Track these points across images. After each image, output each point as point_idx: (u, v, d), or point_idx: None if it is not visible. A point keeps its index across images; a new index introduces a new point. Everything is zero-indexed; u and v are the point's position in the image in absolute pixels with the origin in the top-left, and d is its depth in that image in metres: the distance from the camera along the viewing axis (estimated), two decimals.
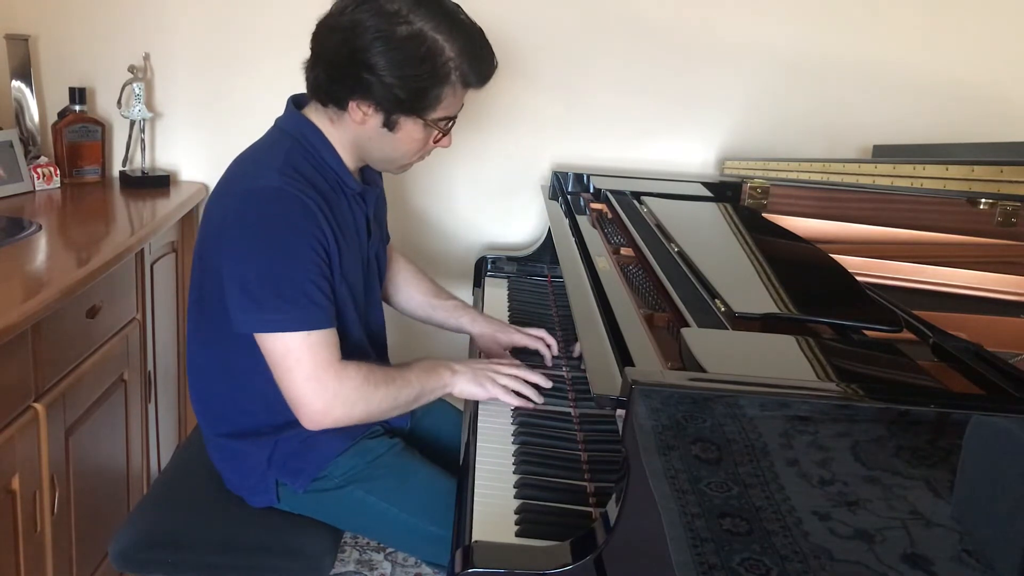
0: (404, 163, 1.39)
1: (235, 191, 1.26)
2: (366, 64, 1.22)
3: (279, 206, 1.21)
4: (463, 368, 1.37)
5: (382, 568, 2.08)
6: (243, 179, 1.27)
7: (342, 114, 1.29)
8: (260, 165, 1.27)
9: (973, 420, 0.82)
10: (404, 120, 1.28)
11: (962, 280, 1.41)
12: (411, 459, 1.40)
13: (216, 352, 1.35)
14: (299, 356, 1.20)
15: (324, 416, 1.22)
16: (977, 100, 2.21)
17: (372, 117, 1.28)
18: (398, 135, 1.30)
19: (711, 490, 0.85)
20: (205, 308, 1.34)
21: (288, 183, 1.22)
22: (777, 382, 0.87)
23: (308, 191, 1.24)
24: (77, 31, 2.17)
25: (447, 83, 1.26)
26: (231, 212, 1.24)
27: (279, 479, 1.35)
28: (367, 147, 1.33)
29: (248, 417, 1.35)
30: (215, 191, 1.32)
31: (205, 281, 1.32)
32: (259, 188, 1.22)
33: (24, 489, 1.37)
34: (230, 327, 1.24)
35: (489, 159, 2.28)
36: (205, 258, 1.30)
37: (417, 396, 1.32)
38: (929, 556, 0.84)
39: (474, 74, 1.28)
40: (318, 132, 1.32)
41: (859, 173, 1.52)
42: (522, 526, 1.05)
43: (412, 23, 1.22)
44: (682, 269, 1.31)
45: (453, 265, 2.33)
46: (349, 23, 1.23)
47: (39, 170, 2.06)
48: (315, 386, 1.21)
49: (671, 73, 2.23)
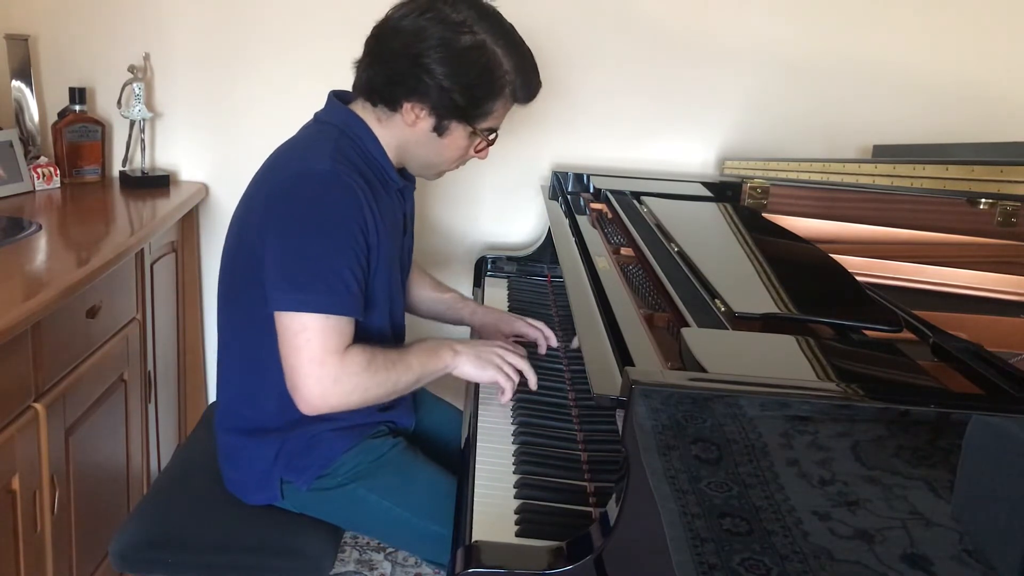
0: (442, 169, 1.43)
1: (286, 172, 1.28)
2: (427, 68, 1.26)
3: (329, 190, 1.23)
4: (465, 349, 1.36)
5: (382, 568, 2.08)
6: (294, 162, 1.30)
7: (392, 115, 1.33)
8: (311, 151, 1.30)
9: (973, 420, 0.82)
10: (454, 126, 1.33)
11: (962, 280, 1.41)
12: (414, 458, 1.40)
13: (239, 342, 1.36)
14: (310, 336, 1.21)
15: (321, 401, 1.23)
16: (977, 100, 2.21)
17: (424, 120, 1.32)
18: (445, 141, 1.35)
19: (711, 490, 0.85)
20: (235, 295, 1.35)
21: (340, 169, 1.25)
22: (777, 382, 0.87)
23: (357, 179, 1.27)
24: (77, 31, 2.17)
25: (501, 96, 1.32)
26: (281, 191, 1.26)
27: (284, 476, 1.36)
28: (411, 150, 1.37)
29: (261, 413, 1.36)
30: (258, 176, 1.34)
31: (238, 265, 1.32)
32: (312, 170, 1.25)
33: (24, 489, 1.37)
34: (256, 316, 1.25)
35: (489, 159, 2.27)
36: (244, 236, 1.31)
37: (417, 380, 1.32)
38: (929, 556, 0.84)
39: (523, 91, 1.35)
40: (365, 126, 1.34)
41: (859, 173, 1.52)
42: (522, 526, 1.05)
43: (476, 34, 1.27)
44: (682, 269, 1.31)
45: (453, 265, 2.33)
46: (413, 27, 1.27)
47: (39, 170, 2.06)
48: (318, 369, 1.21)
49: (671, 73, 2.23)
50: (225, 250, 1.37)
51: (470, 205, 2.32)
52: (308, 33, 2.18)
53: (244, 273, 1.30)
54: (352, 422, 1.36)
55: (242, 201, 1.35)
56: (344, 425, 1.36)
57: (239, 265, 1.32)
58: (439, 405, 1.65)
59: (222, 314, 1.40)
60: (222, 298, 1.39)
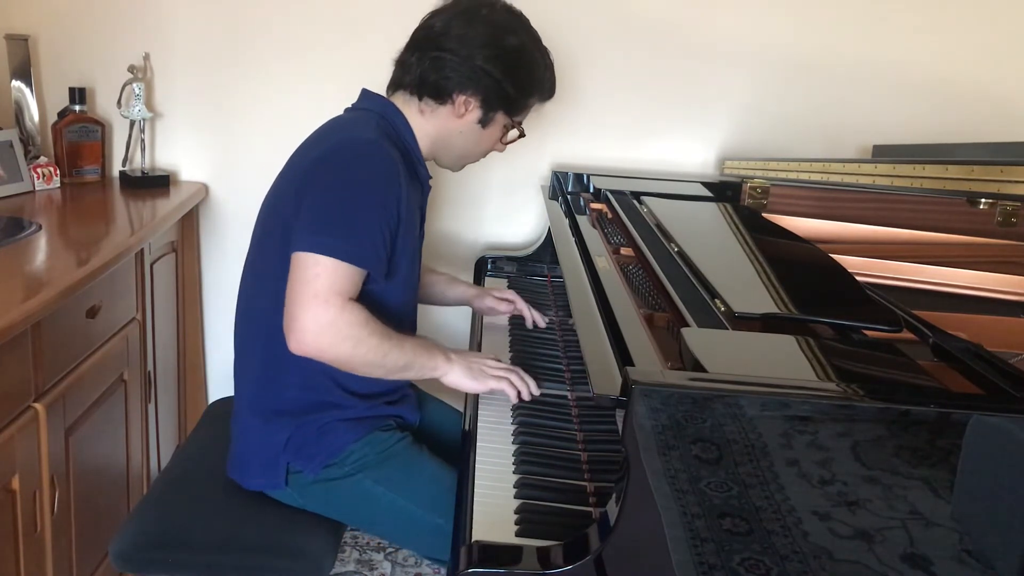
0: (471, 160, 1.55)
1: (331, 141, 1.34)
2: (483, 67, 1.38)
3: (371, 154, 1.30)
4: (458, 359, 1.38)
5: (382, 568, 2.08)
6: (338, 132, 1.36)
7: (438, 107, 1.42)
8: (354, 124, 1.38)
9: (973, 420, 0.82)
10: (499, 117, 1.45)
11: (962, 280, 1.41)
12: (419, 452, 1.41)
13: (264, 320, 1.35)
14: (320, 273, 1.23)
15: (312, 338, 1.22)
16: (977, 100, 2.21)
17: (473, 112, 1.43)
18: (486, 131, 1.46)
19: (711, 490, 0.85)
20: (258, 270, 1.37)
21: (382, 140, 1.33)
22: (777, 382, 0.87)
23: (396, 154, 1.34)
24: (77, 31, 2.17)
25: (539, 91, 1.48)
26: (324, 154, 1.31)
27: (292, 464, 1.36)
28: (450, 140, 1.46)
29: (279, 395, 1.36)
30: (300, 149, 1.40)
31: (269, 237, 1.34)
32: (356, 138, 1.33)
33: (24, 489, 1.37)
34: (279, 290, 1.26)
35: (489, 159, 2.26)
36: (278, 207, 1.34)
37: (406, 365, 1.32)
38: (929, 556, 0.84)
39: (550, 90, 1.51)
40: (402, 116, 1.43)
41: (859, 173, 1.52)
42: (522, 526, 1.05)
43: (519, 35, 1.43)
44: (682, 269, 1.31)
45: (453, 265, 2.33)
46: (462, 28, 1.38)
47: (39, 170, 2.06)
48: (317, 306, 1.22)
49: (671, 73, 2.23)
50: (256, 231, 1.40)
51: (471, 205, 2.32)
52: (308, 33, 2.18)
53: (272, 245, 1.32)
54: (362, 413, 1.38)
55: (276, 183, 1.39)
56: (354, 416, 1.37)
57: (269, 238, 1.34)
58: (440, 406, 1.66)
59: (246, 292, 1.42)
60: (250, 277, 1.41)
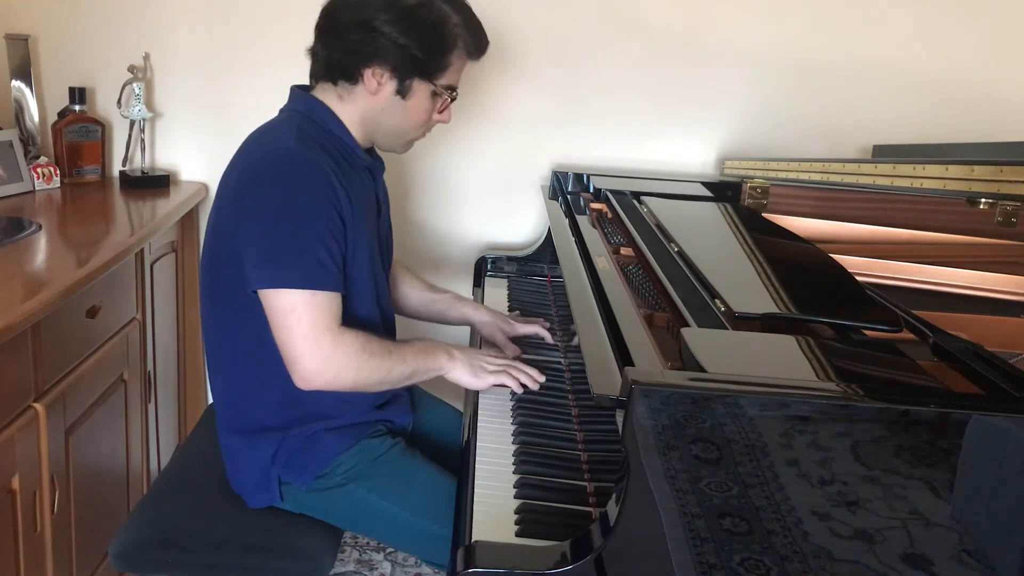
0: (411, 137, 1.45)
1: (251, 157, 1.30)
2: (381, 31, 1.30)
3: (295, 166, 1.26)
4: (460, 355, 1.38)
5: (382, 568, 2.08)
6: (258, 146, 1.32)
7: (353, 89, 1.35)
8: (275, 133, 1.34)
9: (973, 420, 0.82)
10: (417, 85, 1.36)
11: (962, 280, 1.41)
12: (413, 458, 1.40)
13: (231, 340, 1.36)
14: (300, 315, 1.22)
15: (316, 376, 1.23)
16: (976, 100, 2.21)
17: (387, 85, 1.34)
18: (409, 103, 1.37)
19: (711, 490, 0.85)
20: (218, 292, 1.35)
21: (304, 146, 1.27)
22: (777, 382, 0.86)
23: (323, 156, 1.29)
24: (77, 31, 2.17)
25: (455, 48, 1.36)
26: (247, 174, 1.28)
27: (282, 477, 1.36)
28: (378, 120, 1.38)
29: (260, 411, 1.36)
30: (229, 166, 1.35)
31: (219, 260, 1.33)
32: (275, 149, 1.28)
33: (24, 489, 1.37)
34: (246, 310, 1.26)
35: (489, 159, 2.28)
36: (219, 230, 1.32)
37: (411, 374, 1.33)
38: (929, 556, 0.84)
39: (474, 43, 1.39)
40: (326, 108, 1.37)
41: (859, 173, 1.52)
42: (522, 526, 1.05)
43: None
44: (682, 269, 1.31)
45: (453, 265, 2.33)
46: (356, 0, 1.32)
47: (39, 170, 2.06)
48: (311, 346, 1.22)
49: (671, 73, 2.23)
50: (204, 252, 1.38)
51: (470, 205, 2.31)
52: (308, 33, 2.17)
53: (226, 269, 1.30)
54: (349, 421, 1.37)
55: (215, 200, 1.36)
56: (341, 424, 1.36)
57: (220, 261, 1.33)
58: (438, 405, 1.65)
59: (209, 315, 1.39)
60: (207, 298, 1.39)
